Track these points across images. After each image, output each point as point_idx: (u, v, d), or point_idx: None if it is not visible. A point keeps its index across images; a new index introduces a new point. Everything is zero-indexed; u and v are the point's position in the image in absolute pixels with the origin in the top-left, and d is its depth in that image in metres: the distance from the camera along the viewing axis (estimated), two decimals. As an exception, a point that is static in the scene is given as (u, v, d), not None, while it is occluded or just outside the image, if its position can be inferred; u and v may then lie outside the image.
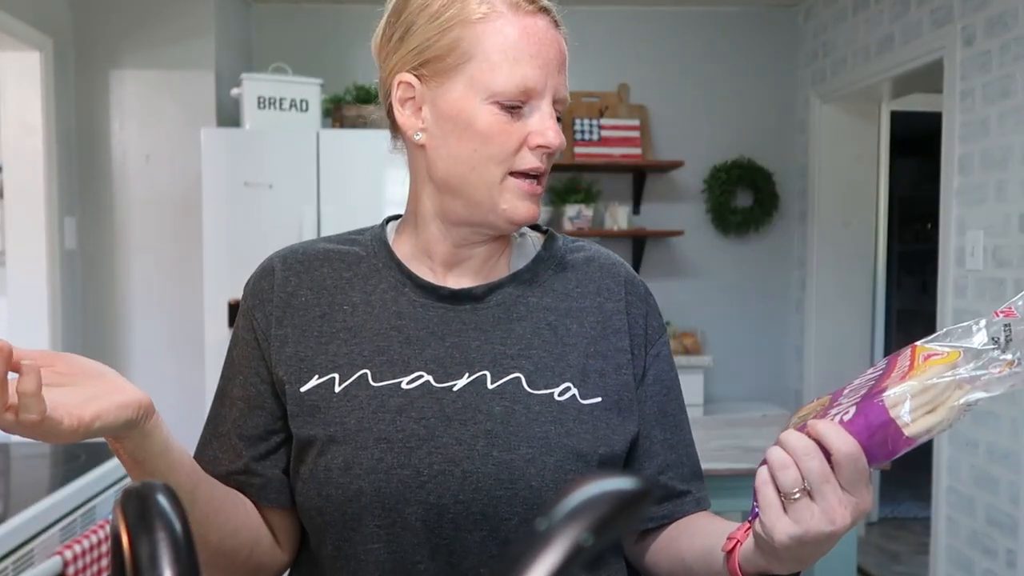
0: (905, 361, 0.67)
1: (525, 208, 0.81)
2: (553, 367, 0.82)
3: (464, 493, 0.75)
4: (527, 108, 0.80)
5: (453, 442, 0.77)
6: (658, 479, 0.87)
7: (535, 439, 0.77)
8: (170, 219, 3.42)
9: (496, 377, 0.80)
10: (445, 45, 0.79)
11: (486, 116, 0.78)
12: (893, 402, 0.63)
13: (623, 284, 0.90)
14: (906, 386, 0.63)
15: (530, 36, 0.79)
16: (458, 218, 0.83)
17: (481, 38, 0.78)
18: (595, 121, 3.90)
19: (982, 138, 2.73)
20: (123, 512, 0.40)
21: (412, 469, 0.76)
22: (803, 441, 0.63)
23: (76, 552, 1.56)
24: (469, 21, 0.78)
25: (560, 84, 0.81)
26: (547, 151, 0.81)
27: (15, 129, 3.11)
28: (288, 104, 3.18)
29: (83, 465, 1.84)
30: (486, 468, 0.76)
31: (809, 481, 0.63)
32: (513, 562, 0.36)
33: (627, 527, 0.39)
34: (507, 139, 0.79)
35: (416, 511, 0.76)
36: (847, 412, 0.65)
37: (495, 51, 0.78)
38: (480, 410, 0.78)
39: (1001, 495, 2.62)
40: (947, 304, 2.90)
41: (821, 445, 0.63)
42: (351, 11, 3.86)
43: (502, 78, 0.78)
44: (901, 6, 3.20)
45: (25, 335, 3.15)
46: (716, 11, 4.03)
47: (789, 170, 4.09)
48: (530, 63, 0.78)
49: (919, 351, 0.66)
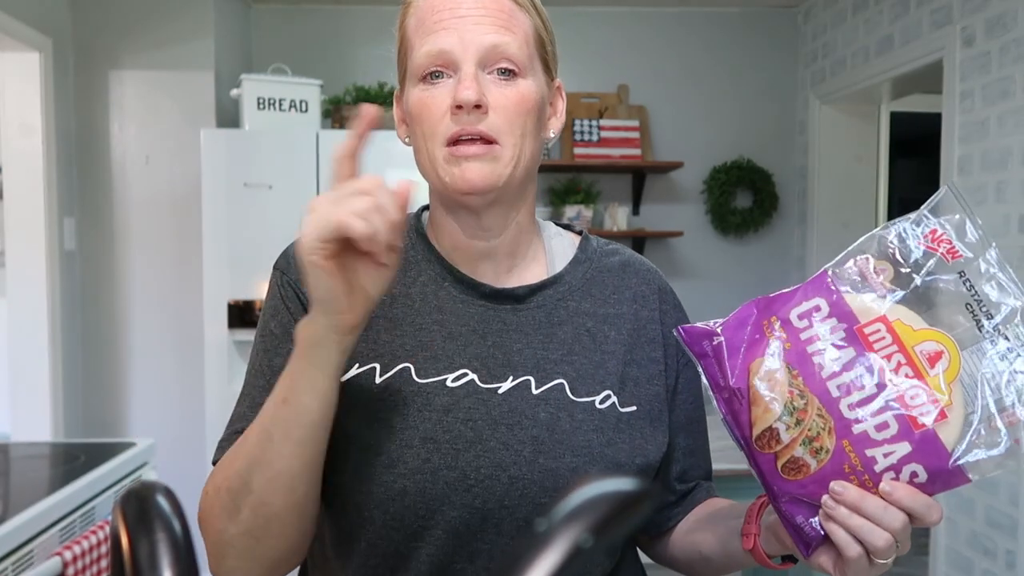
0: (898, 356, 0.65)
1: (461, 172, 0.76)
2: (594, 374, 0.81)
3: (509, 499, 0.75)
4: (452, 76, 0.77)
5: (500, 447, 0.76)
6: (675, 485, 0.89)
7: (579, 448, 0.77)
8: (169, 220, 3.42)
9: (540, 382, 0.79)
10: (399, 53, 0.83)
11: (415, 97, 0.79)
12: (964, 460, 0.64)
13: (657, 292, 0.90)
14: (956, 427, 0.64)
15: (435, 6, 0.78)
16: (447, 204, 0.83)
17: (407, 30, 0.81)
18: (594, 122, 3.90)
19: (981, 139, 2.73)
20: (123, 513, 0.40)
21: (459, 472, 0.75)
22: (900, 516, 0.64)
23: (76, 553, 1.56)
24: (403, 21, 0.82)
25: (484, 35, 0.76)
26: (464, 110, 0.75)
27: (14, 130, 3.11)
28: (288, 105, 3.18)
29: (83, 466, 1.84)
30: (532, 475, 0.75)
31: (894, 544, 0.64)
32: (513, 562, 0.36)
33: (627, 528, 0.39)
34: (431, 111, 0.77)
35: (460, 514, 0.74)
36: (908, 467, 0.64)
37: (412, 34, 0.80)
38: (526, 415, 0.77)
39: (1001, 496, 2.62)
40: (946, 305, 2.91)
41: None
42: (351, 12, 3.86)
43: (416, 54, 0.78)
44: (901, 7, 3.20)
45: (24, 336, 3.15)
46: (716, 12, 4.03)
47: (789, 171, 4.09)
48: (436, 28, 0.77)
49: (908, 344, 0.65)
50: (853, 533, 0.64)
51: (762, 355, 0.68)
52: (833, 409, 0.66)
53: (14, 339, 3.16)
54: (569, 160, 3.81)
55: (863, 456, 0.65)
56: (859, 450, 0.65)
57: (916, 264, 0.67)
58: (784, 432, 0.66)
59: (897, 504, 0.63)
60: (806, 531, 0.68)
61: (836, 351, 0.66)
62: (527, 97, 0.78)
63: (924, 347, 0.64)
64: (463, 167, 0.76)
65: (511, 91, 0.77)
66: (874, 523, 0.63)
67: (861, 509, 0.63)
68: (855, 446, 0.65)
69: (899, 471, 0.64)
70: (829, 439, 0.66)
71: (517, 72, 0.78)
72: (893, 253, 0.68)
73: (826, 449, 0.66)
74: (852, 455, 0.65)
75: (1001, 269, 0.66)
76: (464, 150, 0.76)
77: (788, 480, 0.67)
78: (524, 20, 0.81)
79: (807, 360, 0.67)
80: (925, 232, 0.67)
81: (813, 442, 0.66)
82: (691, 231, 4.02)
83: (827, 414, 0.66)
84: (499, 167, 0.77)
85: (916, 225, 0.68)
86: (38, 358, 3.16)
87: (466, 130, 0.76)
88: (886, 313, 0.65)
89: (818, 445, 0.66)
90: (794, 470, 0.67)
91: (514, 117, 0.77)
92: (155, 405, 3.44)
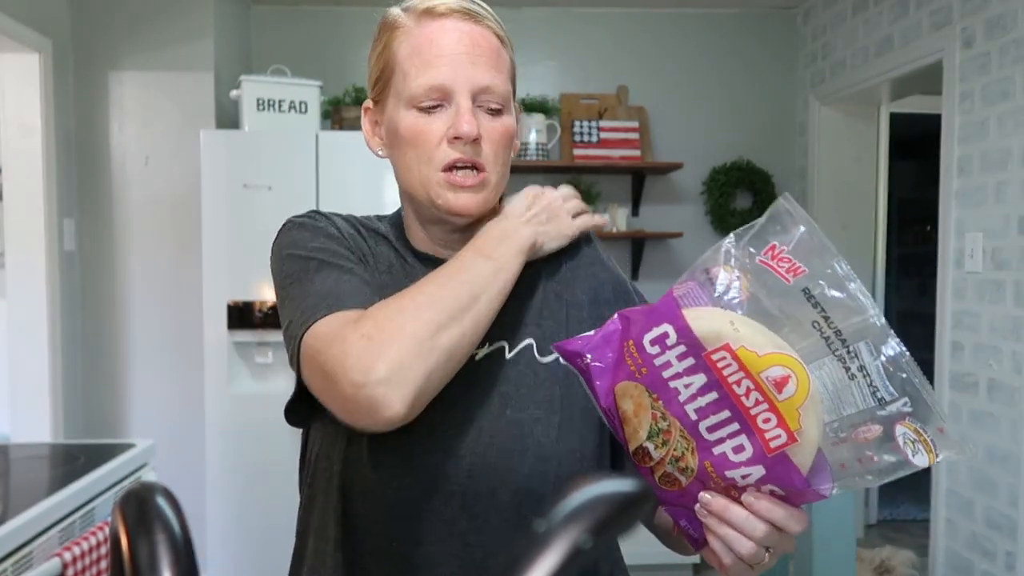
0: (746, 382, 0.65)
1: (457, 199, 0.87)
2: (558, 333, 0.89)
3: (479, 445, 0.83)
4: (447, 107, 0.86)
5: (472, 404, 0.85)
6: None
7: (541, 401, 0.86)
8: (169, 221, 3.42)
9: (512, 345, 0.88)
10: (379, 67, 0.90)
11: (407, 122, 0.87)
12: (816, 482, 0.67)
13: (610, 263, 0.99)
14: (809, 448, 0.65)
15: (434, 39, 0.86)
16: (425, 217, 0.93)
17: (397, 53, 0.88)
18: (594, 123, 3.90)
19: (981, 140, 2.73)
20: (122, 514, 0.40)
21: (431, 424, 0.81)
22: (761, 526, 0.68)
23: (75, 554, 1.56)
24: (390, 41, 0.89)
25: (478, 75, 0.85)
26: (462, 141, 0.85)
27: (14, 131, 3.11)
28: (287, 106, 3.18)
29: (82, 467, 1.84)
30: (499, 425, 0.84)
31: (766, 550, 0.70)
32: (513, 563, 0.36)
33: (626, 529, 0.39)
34: (427, 138, 0.86)
35: (433, 458, 0.83)
36: (766, 487, 0.67)
37: (406, 61, 0.87)
38: (497, 376, 0.87)
39: (1000, 497, 2.62)
40: (946, 306, 2.91)
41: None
42: (350, 13, 3.86)
43: (412, 83, 0.86)
44: (900, 8, 3.21)
45: (24, 337, 3.15)
46: (715, 13, 4.04)
47: (788, 172, 4.09)
48: (436, 63, 0.85)
49: (754, 371, 0.64)
50: (722, 541, 0.69)
51: (625, 378, 0.70)
52: (694, 432, 0.68)
53: (14, 340, 3.16)
54: (568, 161, 3.81)
55: (724, 476, 0.68)
56: (720, 471, 0.68)
57: (759, 284, 0.67)
58: (654, 451, 0.70)
59: (758, 515, 0.68)
60: (691, 533, 0.73)
61: (689, 377, 0.67)
62: (509, 130, 0.89)
63: (770, 373, 0.63)
64: (458, 195, 0.87)
65: (498, 124, 0.88)
66: (738, 532, 0.68)
67: (726, 518, 0.69)
68: (716, 467, 0.68)
69: (759, 489, 0.68)
70: (692, 459, 0.69)
71: (502, 109, 0.88)
72: (747, 267, 0.69)
73: (691, 468, 0.69)
74: (714, 475, 0.68)
75: (849, 279, 0.65)
76: (461, 180, 0.86)
77: (667, 490, 0.72)
78: (506, 58, 0.90)
79: (664, 385, 0.68)
80: (764, 249, 0.68)
81: (679, 461, 0.69)
82: (691, 232, 4.02)
83: (689, 436, 0.68)
84: (486, 193, 0.88)
85: (754, 244, 0.68)
86: (38, 359, 3.16)
87: (462, 159, 0.86)
88: (729, 341, 0.64)
89: (683, 464, 0.69)
90: (669, 483, 0.71)
91: (499, 149, 0.88)
92: (155, 406, 3.44)
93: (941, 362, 2.92)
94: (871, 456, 0.65)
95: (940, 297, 2.94)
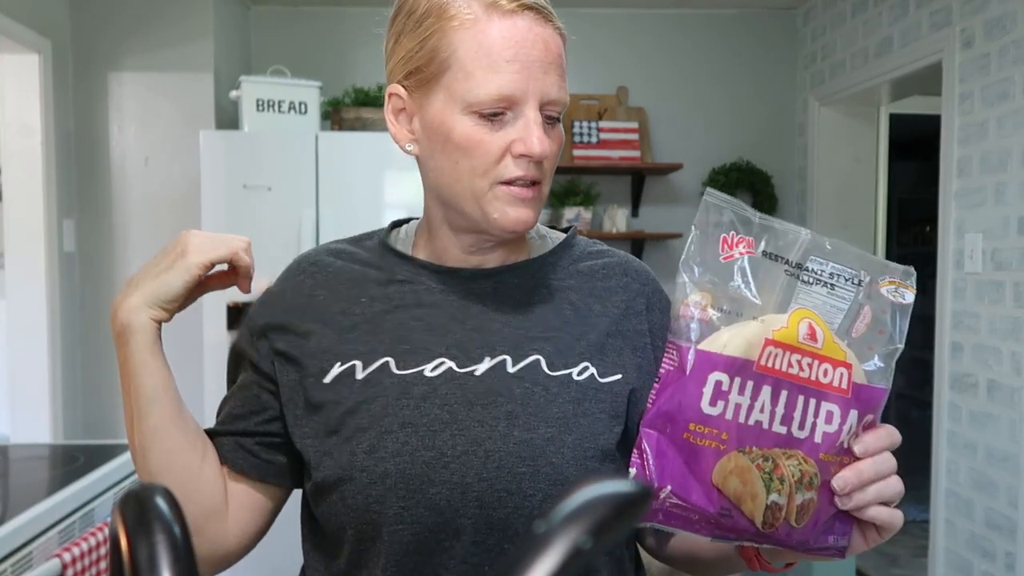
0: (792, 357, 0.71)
1: (516, 214, 0.79)
2: (573, 347, 0.82)
3: (487, 471, 0.76)
4: (511, 115, 0.77)
5: (476, 424, 0.77)
6: None
7: (553, 419, 0.78)
8: (169, 221, 3.42)
9: (517, 360, 0.81)
10: (424, 55, 0.78)
11: (463, 128, 0.77)
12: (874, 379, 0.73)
13: (648, 276, 0.93)
14: (857, 364, 0.73)
15: (506, 40, 0.75)
16: (460, 227, 0.84)
17: (456, 47, 0.76)
18: (594, 124, 3.90)
19: (981, 141, 2.73)
20: (122, 515, 0.40)
21: (436, 451, 0.76)
22: (887, 458, 0.72)
23: (75, 555, 1.56)
24: (445, 30, 0.77)
25: (549, 85, 0.77)
26: (530, 159, 0.78)
27: (14, 131, 3.11)
28: (287, 107, 3.18)
29: (82, 467, 1.84)
30: (507, 447, 0.77)
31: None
32: (513, 564, 0.36)
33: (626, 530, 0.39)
34: (487, 150, 0.77)
35: (440, 491, 0.76)
36: (862, 426, 0.72)
37: (469, 60, 0.76)
38: (501, 393, 0.79)
39: (1000, 498, 2.62)
40: (946, 307, 2.91)
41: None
42: (350, 14, 3.86)
43: (477, 88, 0.75)
44: (900, 9, 3.21)
45: (24, 337, 3.15)
46: (715, 14, 4.04)
47: (788, 173, 4.09)
48: (506, 68, 0.75)
49: (790, 340, 0.70)
50: (875, 501, 0.71)
51: (712, 466, 0.69)
52: (792, 442, 0.69)
53: (13, 340, 3.16)
54: (568, 162, 3.81)
55: (839, 450, 0.71)
56: (832, 450, 0.70)
57: (737, 275, 0.72)
58: (779, 497, 0.69)
59: (875, 451, 0.71)
60: (838, 545, 0.73)
61: (758, 399, 0.69)
62: (561, 140, 0.83)
63: (801, 332, 0.69)
64: (517, 208, 0.79)
65: (555, 135, 0.81)
66: (879, 480, 0.71)
67: (863, 480, 0.70)
68: (828, 450, 0.70)
69: (857, 436, 0.71)
70: (809, 464, 0.70)
71: (559, 117, 0.81)
72: (708, 285, 0.72)
73: (814, 472, 0.70)
74: (831, 458, 0.70)
75: (767, 219, 0.74)
76: (523, 193, 0.79)
77: (806, 526, 0.70)
78: (566, 61, 0.82)
79: (747, 429, 0.69)
80: (721, 245, 0.72)
81: (803, 479, 0.69)
82: (690, 233, 4.01)
83: (792, 450, 0.69)
84: (538, 207, 0.82)
85: (702, 253, 0.73)
86: (37, 359, 3.16)
87: (525, 176, 0.78)
88: (764, 336, 0.69)
89: (807, 479, 0.70)
90: (804, 513, 0.70)
91: (554, 161, 0.82)
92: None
93: (941, 362, 2.92)
94: (879, 331, 0.72)
95: (940, 298, 2.94)
